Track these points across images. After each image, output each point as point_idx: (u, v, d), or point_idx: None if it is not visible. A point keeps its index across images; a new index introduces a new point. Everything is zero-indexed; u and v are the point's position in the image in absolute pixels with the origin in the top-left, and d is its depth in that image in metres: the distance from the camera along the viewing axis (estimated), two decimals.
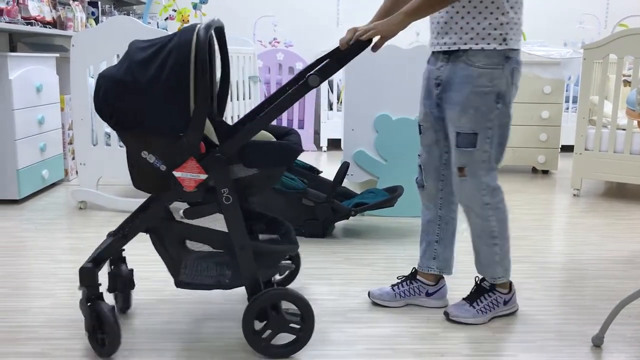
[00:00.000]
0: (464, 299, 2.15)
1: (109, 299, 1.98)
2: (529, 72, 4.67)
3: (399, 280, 2.28)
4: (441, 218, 2.19)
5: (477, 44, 1.92)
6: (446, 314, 2.11)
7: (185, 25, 4.49)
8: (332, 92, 6.05)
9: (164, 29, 5.08)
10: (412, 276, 2.26)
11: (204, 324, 2.07)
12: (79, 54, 3.38)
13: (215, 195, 1.77)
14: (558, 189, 4.31)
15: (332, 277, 2.51)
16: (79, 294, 2.25)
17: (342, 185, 3.17)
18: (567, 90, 5.71)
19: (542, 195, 4.10)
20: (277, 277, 2.26)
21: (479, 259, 2.11)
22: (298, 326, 1.82)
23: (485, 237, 2.06)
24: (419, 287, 2.23)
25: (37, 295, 2.30)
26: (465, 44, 1.93)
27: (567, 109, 5.77)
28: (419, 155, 2.20)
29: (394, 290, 2.24)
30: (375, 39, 1.90)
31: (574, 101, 5.82)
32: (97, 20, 4.91)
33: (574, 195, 4.07)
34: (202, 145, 1.72)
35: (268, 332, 1.82)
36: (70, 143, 4.26)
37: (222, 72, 2.04)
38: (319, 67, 1.84)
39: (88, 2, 4.92)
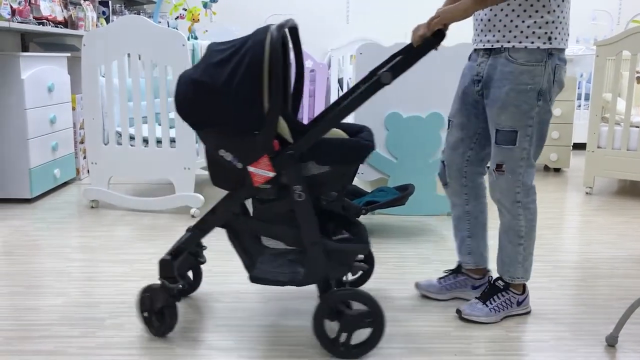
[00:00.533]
0: (477, 297, 2.13)
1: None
2: None
3: (445, 274, 2.30)
4: (469, 213, 2.19)
5: (520, 42, 1.89)
6: (458, 312, 2.10)
7: (197, 24, 4.47)
8: (342, 90, 6.04)
9: (174, 28, 5.09)
10: (458, 269, 2.28)
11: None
12: (90, 54, 3.39)
13: (288, 192, 1.79)
14: (570, 187, 4.28)
15: None
16: (91, 293, 2.27)
17: (353, 183, 3.16)
18: (579, 88, 5.66)
19: (555, 193, 4.07)
20: (350, 277, 2.28)
21: (502, 256, 2.10)
22: (369, 326, 1.82)
23: (511, 234, 2.05)
24: (464, 281, 2.25)
25: (49, 293, 2.31)
26: (509, 42, 1.91)
27: (579, 106, 5.73)
28: (442, 151, 2.20)
29: (440, 283, 2.27)
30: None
31: (586, 98, 5.77)
32: (107, 20, 4.94)
33: (587, 193, 4.03)
34: (275, 143, 1.75)
35: (341, 334, 1.81)
36: (82, 142, 4.28)
37: (297, 72, 2.05)
38: (390, 64, 1.85)
39: (99, 1, 4.94)
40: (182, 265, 2.13)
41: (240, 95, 1.70)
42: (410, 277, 2.46)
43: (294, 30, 1.98)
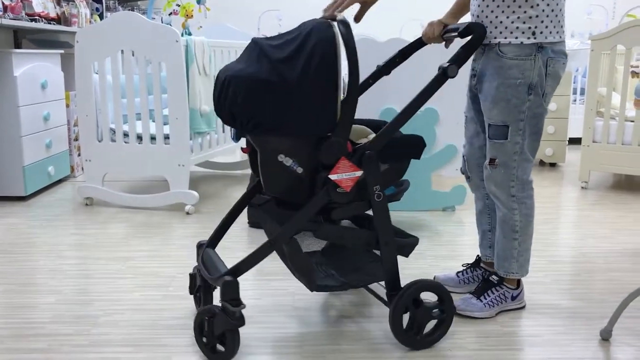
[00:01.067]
0: (470, 292, 2.13)
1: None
2: None
3: (464, 268, 2.32)
4: (489, 207, 2.20)
5: (505, 38, 1.90)
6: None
7: (190, 20, 4.42)
8: None
9: (168, 24, 5.07)
10: (476, 263, 2.30)
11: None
12: (84, 50, 3.37)
13: (365, 193, 1.75)
14: (566, 181, 4.28)
15: None
16: (85, 290, 2.26)
17: None
18: (574, 82, 5.67)
19: (550, 188, 4.08)
20: None
21: (497, 250, 2.10)
22: (440, 313, 1.87)
23: (506, 228, 2.05)
24: (483, 275, 2.25)
25: (43, 291, 2.30)
26: (495, 37, 1.92)
27: (575, 100, 5.73)
28: (463, 146, 2.22)
29: (458, 276, 2.30)
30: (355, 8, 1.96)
31: (582, 93, 5.78)
32: (101, 16, 4.91)
33: (582, 187, 4.04)
34: (348, 144, 1.70)
35: (416, 325, 1.85)
36: (76, 139, 4.27)
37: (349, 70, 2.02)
38: (452, 56, 1.84)
39: None
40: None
41: (314, 94, 1.61)
42: (404, 273, 2.45)
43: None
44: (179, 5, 5.05)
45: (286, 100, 1.61)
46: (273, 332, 1.97)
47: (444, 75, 1.79)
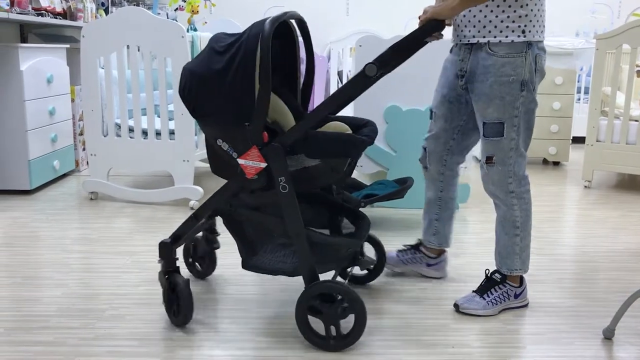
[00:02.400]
0: (474, 291, 2.14)
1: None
2: None
3: (405, 248, 2.41)
4: (441, 199, 2.30)
5: (495, 37, 1.93)
6: (456, 306, 2.11)
7: (196, 15, 4.46)
8: (341, 82, 6.03)
9: (173, 19, 5.07)
10: (417, 246, 2.39)
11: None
12: (89, 45, 3.38)
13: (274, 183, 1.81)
14: (569, 180, 4.29)
15: None
16: (90, 284, 2.28)
17: (352, 176, 3.16)
18: (578, 81, 5.66)
19: (553, 187, 4.08)
20: (361, 272, 2.32)
21: (499, 249, 2.12)
22: (349, 320, 1.82)
23: (508, 226, 2.07)
24: (421, 258, 2.37)
25: (48, 285, 2.31)
26: (484, 37, 1.95)
27: (579, 99, 5.72)
28: (425, 138, 2.25)
29: (398, 256, 2.38)
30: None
31: (586, 92, 5.77)
32: (107, 11, 4.92)
33: (585, 187, 4.04)
34: (265, 134, 1.76)
35: (329, 327, 1.83)
36: (81, 134, 4.28)
37: (307, 65, 2.06)
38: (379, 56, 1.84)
39: None
40: (197, 250, 2.33)
41: (233, 87, 1.73)
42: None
43: (302, 23, 2.00)
44: (185, 1, 5.05)
45: (210, 90, 1.78)
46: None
47: (363, 75, 1.76)
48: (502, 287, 2.11)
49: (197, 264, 2.38)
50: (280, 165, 1.79)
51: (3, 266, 2.50)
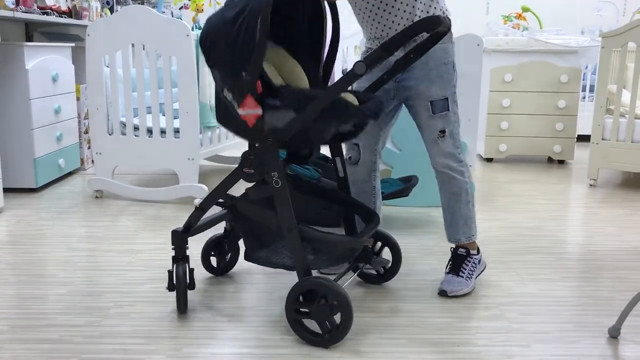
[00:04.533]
0: (448, 272, 2.24)
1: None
2: (546, 61, 4.62)
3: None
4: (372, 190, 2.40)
5: None
6: (443, 293, 2.18)
7: (201, 14, 4.45)
8: None
9: (178, 18, 5.08)
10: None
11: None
12: (94, 44, 3.39)
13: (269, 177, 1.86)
14: (574, 179, 4.27)
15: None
16: (96, 282, 2.29)
17: None
18: (584, 79, 5.64)
19: (558, 185, 4.07)
20: (372, 271, 2.31)
21: (457, 221, 2.23)
22: (335, 319, 1.82)
23: (463, 195, 2.21)
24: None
25: (54, 282, 2.32)
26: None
27: (584, 98, 5.70)
28: (359, 137, 2.29)
29: None
30: None
31: (591, 90, 5.75)
32: (112, 10, 4.93)
33: (591, 185, 4.03)
34: (258, 84, 1.78)
35: (308, 318, 1.85)
36: (86, 132, 4.29)
37: (332, 37, 2.11)
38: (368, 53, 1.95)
39: None
40: (218, 243, 2.36)
41: (236, 37, 1.78)
42: (413, 269, 2.47)
43: (333, 7, 2.08)
44: None
45: (220, 39, 1.82)
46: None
47: (353, 73, 1.77)
48: (470, 259, 2.25)
49: (219, 258, 2.39)
50: (273, 161, 1.83)
51: (9, 264, 2.51)
